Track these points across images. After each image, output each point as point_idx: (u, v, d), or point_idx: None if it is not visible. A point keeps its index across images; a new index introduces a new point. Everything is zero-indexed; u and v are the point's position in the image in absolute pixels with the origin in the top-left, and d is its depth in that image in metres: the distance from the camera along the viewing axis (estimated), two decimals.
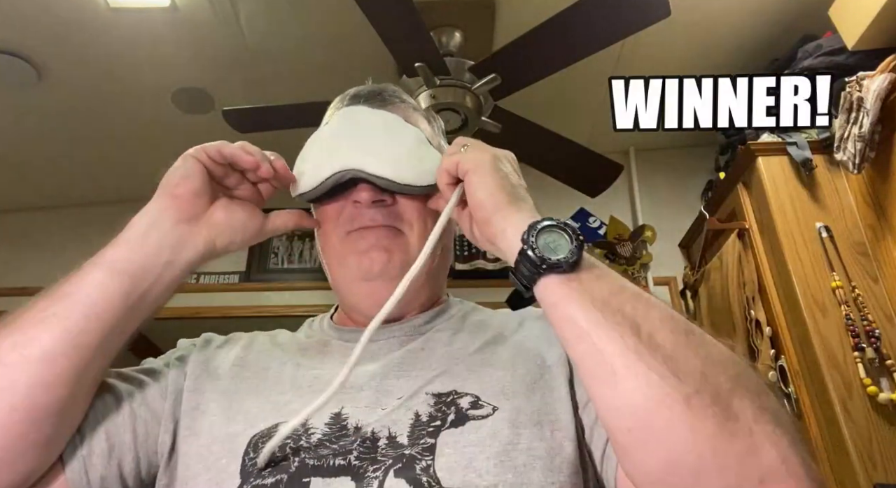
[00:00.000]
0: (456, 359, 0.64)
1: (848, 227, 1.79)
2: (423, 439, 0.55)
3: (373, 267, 0.67)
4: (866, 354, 1.59)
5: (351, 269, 0.69)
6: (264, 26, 2.08)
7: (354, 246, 0.69)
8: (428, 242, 0.61)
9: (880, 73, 1.61)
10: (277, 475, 0.54)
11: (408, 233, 0.69)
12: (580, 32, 1.62)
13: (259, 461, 0.54)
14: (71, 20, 1.96)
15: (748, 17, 2.18)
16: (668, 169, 2.90)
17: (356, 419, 0.58)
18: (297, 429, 0.57)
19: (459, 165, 0.61)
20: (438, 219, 0.63)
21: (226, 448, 0.58)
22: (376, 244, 0.68)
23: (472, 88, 1.84)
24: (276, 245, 2.83)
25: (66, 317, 0.56)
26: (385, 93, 0.77)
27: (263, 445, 0.56)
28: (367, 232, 0.68)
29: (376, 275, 0.67)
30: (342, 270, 0.71)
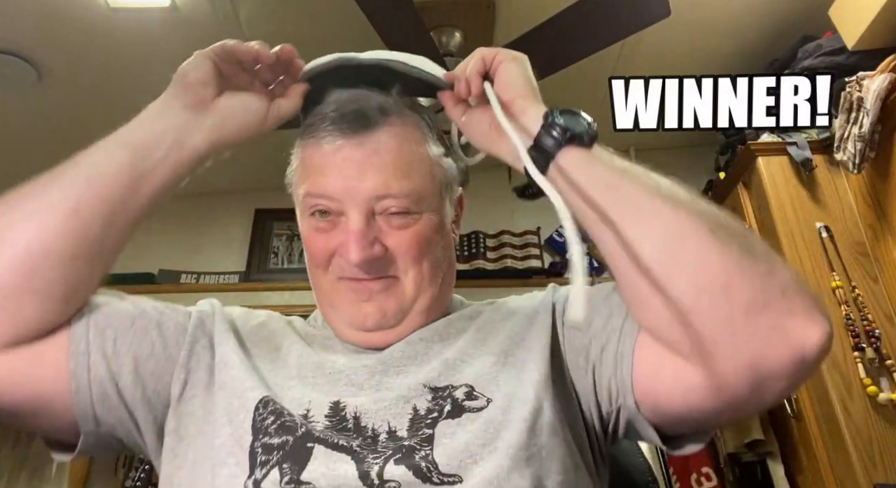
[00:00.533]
0: (451, 350, 0.66)
1: (848, 227, 1.79)
2: (422, 430, 0.57)
3: (366, 322, 0.67)
4: (866, 354, 1.59)
5: (343, 317, 0.69)
6: (264, 26, 2.08)
7: (346, 296, 0.68)
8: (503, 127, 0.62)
9: (880, 73, 1.61)
10: (284, 436, 0.57)
11: (403, 278, 0.68)
12: (580, 32, 1.62)
13: None
14: (71, 20, 1.96)
15: (748, 17, 2.18)
16: (668, 169, 2.83)
17: (354, 407, 0.60)
18: (298, 419, 0.59)
19: (498, 54, 0.64)
20: (493, 108, 0.63)
21: (243, 403, 0.60)
22: (369, 299, 0.67)
23: None
24: (276, 245, 2.83)
25: (72, 177, 0.61)
26: (368, 111, 0.67)
27: (274, 405, 0.60)
28: (360, 285, 0.67)
29: (371, 329, 0.68)
30: (333, 313, 0.70)
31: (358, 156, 0.66)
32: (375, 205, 0.65)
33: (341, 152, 0.66)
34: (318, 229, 0.68)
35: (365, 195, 0.65)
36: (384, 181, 0.65)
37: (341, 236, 0.66)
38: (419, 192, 0.68)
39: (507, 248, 2.77)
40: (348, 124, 0.66)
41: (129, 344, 0.62)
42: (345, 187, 0.65)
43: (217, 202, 2.91)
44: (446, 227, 0.74)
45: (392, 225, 0.66)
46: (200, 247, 2.83)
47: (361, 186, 0.65)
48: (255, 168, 2.85)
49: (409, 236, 0.67)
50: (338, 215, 0.67)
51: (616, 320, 0.62)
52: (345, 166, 0.66)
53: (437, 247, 0.71)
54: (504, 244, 2.78)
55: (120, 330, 0.62)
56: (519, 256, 2.76)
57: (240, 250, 2.81)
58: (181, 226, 2.86)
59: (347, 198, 0.65)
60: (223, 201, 2.91)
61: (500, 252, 2.77)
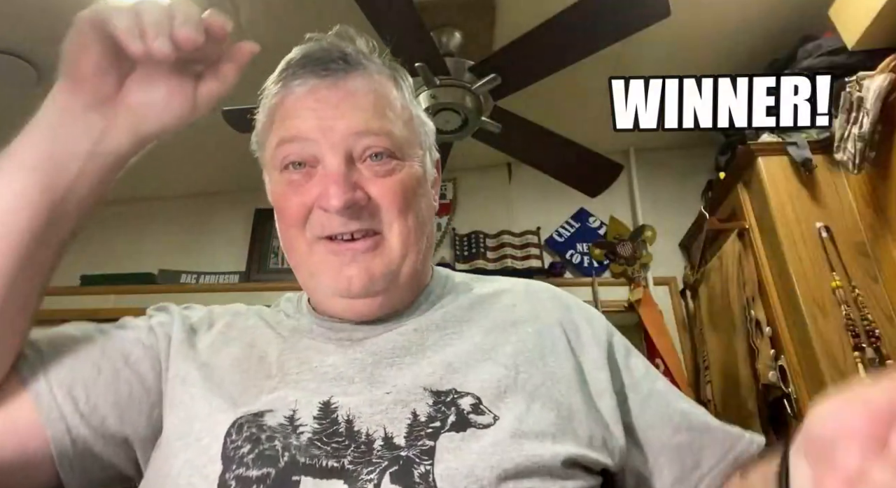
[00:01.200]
0: (453, 349, 0.60)
1: (848, 227, 1.79)
2: (422, 440, 0.52)
3: (351, 287, 0.60)
4: (866, 354, 1.59)
5: (325, 285, 0.62)
6: (264, 26, 2.08)
7: (327, 260, 0.61)
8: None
9: (880, 73, 1.61)
10: (264, 468, 0.50)
11: (388, 234, 0.62)
12: (580, 32, 1.62)
13: None
14: (71, 20, 1.95)
15: (748, 17, 2.18)
16: (668, 169, 2.90)
17: (346, 409, 0.54)
18: (285, 424, 0.53)
19: None
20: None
21: (208, 427, 0.54)
22: (353, 261, 0.60)
23: (472, 88, 1.83)
24: (276, 245, 2.83)
25: None
26: (341, 56, 0.63)
27: (249, 430, 0.52)
28: (342, 247, 0.60)
29: (357, 295, 0.61)
30: (314, 282, 0.63)
31: (333, 97, 0.61)
32: (355, 147, 0.60)
33: (315, 93, 0.61)
34: (292, 183, 0.62)
35: (343, 133, 0.59)
36: (363, 119, 0.60)
37: (318, 187, 0.60)
38: (399, 137, 0.63)
39: (507, 248, 2.77)
40: (321, 66, 0.61)
41: (105, 394, 0.56)
42: (320, 127, 0.60)
43: (217, 202, 2.92)
44: (429, 183, 0.69)
45: (374, 172, 0.61)
46: (200, 247, 2.83)
47: (338, 124, 0.60)
48: (255, 168, 2.86)
49: (392, 183, 0.61)
50: (313, 165, 0.61)
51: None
52: (319, 107, 0.60)
53: (421, 201, 0.65)
54: (504, 244, 2.79)
55: (89, 382, 0.55)
56: (519, 256, 2.76)
57: (240, 250, 2.81)
58: (181, 226, 2.86)
59: (323, 138, 0.60)
60: (223, 201, 2.91)
61: (499, 252, 2.77)
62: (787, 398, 1.79)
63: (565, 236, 2.81)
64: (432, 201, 0.70)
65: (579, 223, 2.83)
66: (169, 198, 2.91)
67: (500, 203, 2.90)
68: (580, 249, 2.78)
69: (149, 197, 2.89)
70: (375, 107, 0.62)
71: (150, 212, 2.87)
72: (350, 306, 0.62)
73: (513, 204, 2.90)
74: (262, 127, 0.67)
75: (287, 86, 0.63)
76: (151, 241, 2.81)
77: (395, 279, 0.62)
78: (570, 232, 2.82)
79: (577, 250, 2.78)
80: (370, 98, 0.62)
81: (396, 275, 0.62)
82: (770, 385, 1.84)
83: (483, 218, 2.84)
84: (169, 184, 2.85)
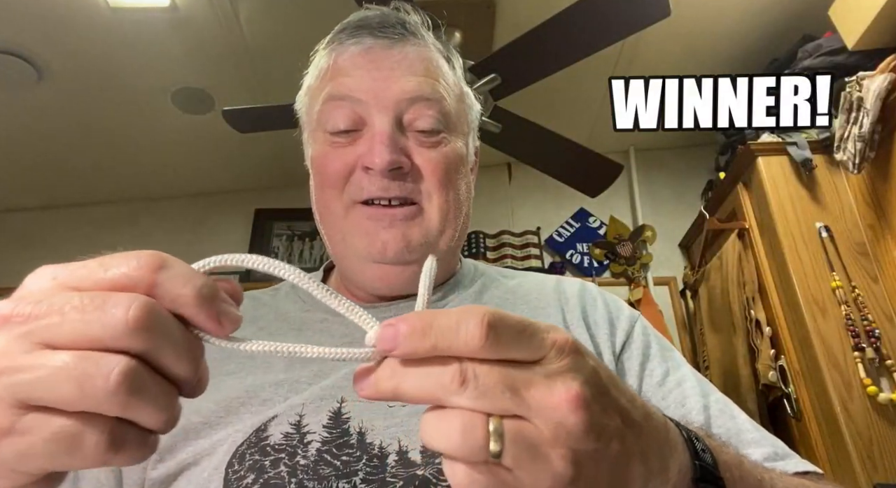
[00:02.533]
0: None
1: (848, 227, 1.79)
2: (439, 457, 0.46)
3: (386, 252, 0.57)
4: (866, 354, 1.59)
5: (358, 249, 0.59)
6: (264, 26, 2.08)
7: (362, 224, 0.58)
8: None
9: (880, 73, 1.61)
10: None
11: (427, 206, 0.60)
12: (580, 32, 1.61)
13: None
14: (71, 20, 1.96)
15: (748, 17, 2.18)
16: (668, 169, 2.90)
17: (359, 421, 0.50)
18: (291, 434, 0.49)
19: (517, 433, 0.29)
20: None
21: (208, 456, 0.50)
22: (390, 226, 0.58)
23: (472, 88, 1.83)
24: (276, 245, 2.83)
25: None
26: (404, 23, 0.62)
27: (251, 457, 0.48)
28: (380, 212, 0.58)
29: (390, 260, 0.58)
30: (345, 246, 0.60)
31: (388, 58, 0.59)
32: (406, 112, 0.58)
33: (370, 53, 0.59)
34: (335, 144, 0.60)
35: (395, 97, 0.58)
36: (416, 83, 0.58)
37: (363, 147, 0.58)
38: (449, 110, 0.61)
39: (507, 248, 2.77)
40: (378, 29, 0.60)
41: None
42: (372, 88, 0.58)
43: (217, 202, 2.92)
44: (469, 166, 0.67)
45: (420, 142, 0.59)
46: (200, 247, 2.83)
47: (391, 87, 0.58)
48: (255, 168, 2.86)
49: (437, 156, 0.59)
50: (359, 129, 0.59)
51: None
52: (373, 67, 0.58)
53: (462, 181, 0.63)
54: (504, 244, 2.79)
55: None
56: (519, 256, 2.76)
57: (240, 250, 2.77)
58: (181, 226, 2.86)
59: (374, 100, 0.58)
60: (223, 201, 2.91)
61: (500, 252, 2.77)
62: (787, 398, 1.79)
63: (565, 236, 2.81)
64: (471, 186, 0.68)
65: (579, 223, 2.83)
66: (169, 198, 2.91)
67: (500, 203, 2.90)
68: (580, 249, 2.78)
69: (149, 197, 2.89)
70: (429, 74, 0.60)
71: (150, 212, 2.88)
72: (382, 273, 0.59)
73: (513, 204, 2.90)
74: (311, 85, 0.65)
75: (342, 43, 0.61)
76: (151, 241, 2.81)
77: (432, 251, 0.59)
78: (570, 232, 2.83)
79: (577, 250, 2.78)
80: (425, 64, 0.61)
81: (433, 247, 0.60)
82: (770, 385, 1.84)
83: (483, 218, 2.84)
84: (169, 184, 2.85)
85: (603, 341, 0.62)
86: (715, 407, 0.58)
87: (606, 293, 0.70)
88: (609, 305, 0.66)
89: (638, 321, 0.66)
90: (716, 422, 0.57)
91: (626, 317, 0.65)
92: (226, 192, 2.92)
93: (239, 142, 2.17)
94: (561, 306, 0.65)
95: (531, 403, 0.27)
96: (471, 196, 0.67)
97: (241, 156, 2.67)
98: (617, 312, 0.65)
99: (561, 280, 0.70)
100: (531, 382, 0.27)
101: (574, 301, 0.65)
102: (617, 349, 0.62)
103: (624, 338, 0.63)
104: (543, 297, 0.66)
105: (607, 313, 0.65)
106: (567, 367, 0.28)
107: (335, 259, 0.65)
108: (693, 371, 0.63)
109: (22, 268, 1.38)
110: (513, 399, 0.26)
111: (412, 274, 0.59)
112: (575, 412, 0.27)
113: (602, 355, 0.61)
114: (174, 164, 2.72)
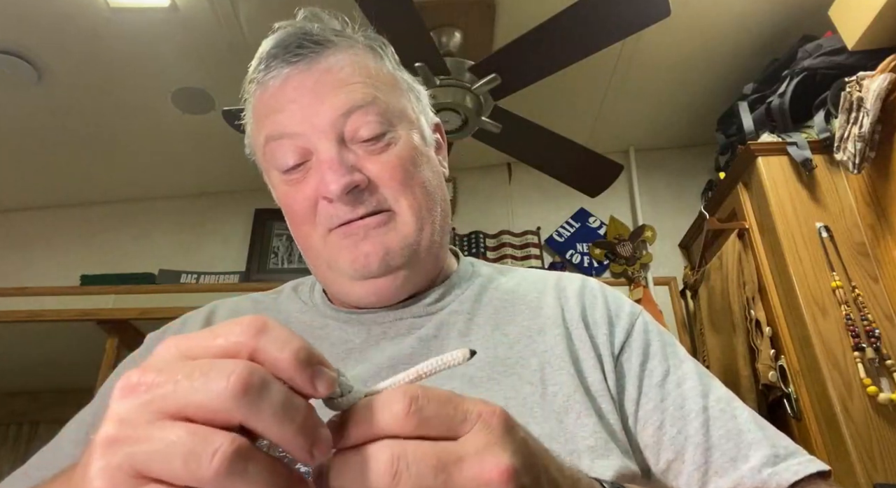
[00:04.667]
0: (476, 359, 0.56)
1: (848, 227, 1.79)
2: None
3: (369, 264, 0.57)
4: (866, 354, 1.59)
5: (344, 269, 0.59)
6: (264, 26, 2.08)
7: (341, 244, 0.58)
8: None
9: (880, 73, 1.61)
10: None
11: (397, 209, 0.59)
12: (580, 32, 1.61)
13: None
14: (71, 20, 1.96)
15: (748, 17, 2.18)
16: (668, 169, 2.90)
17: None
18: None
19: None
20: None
21: None
22: (366, 237, 0.58)
23: (472, 88, 1.83)
24: (276, 245, 2.83)
25: None
26: (311, 36, 0.60)
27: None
28: (353, 227, 0.58)
29: (375, 272, 0.58)
30: (332, 272, 0.61)
31: (308, 80, 0.58)
32: (344, 128, 0.58)
33: (290, 82, 0.59)
34: (291, 182, 0.60)
35: (329, 117, 0.57)
36: (345, 95, 0.57)
37: (315, 176, 0.58)
38: (387, 104, 0.60)
39: (507, 248, 2.77)
40: (291, 53, 0.59)
41: None
42: (304, 117, 0.57)
43: (217, 202, 2.92)
44: (428, 148, 0.65)
45: (369, 151, 0.58)
46: (200, 247, 2.83)
47: (322, 110, 0.57)
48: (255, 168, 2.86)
49: (389, 159, 0.59)
50: (307, 159, 0.59)
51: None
52: (297, 96, 0.58)
53: (425, 168, 0.62)
54: (504, 244, 2.79)
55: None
56: (519, 256, 2.76)
57: (240, 250, 2.81)
58: (181, 226, 2.86)
59: (310, 129, 0.57)
60: (223, 201, 2.92)
61: (499, 252, 2.77)
62: (787, 398, 1.80)
63: (565, 236, 2.81)
64: (438, 167, 0.66)
65: (579, 223, 2.83)
66: (169, 198, 2.91)
67: (500, 203, 2.90)
68: (580, 249, 2.78)
69: (149, 197, 2.89)
70: (354, 78, 0.59)
71: (150, 212, 2.88)
72: (372, 288, 0.59)
73: (513, 204, 2.90)
74: (251, 129, 0.65)
75: (262, 82, 0.61)
76: (151, 241, 2.81)
77: (415, 253, 0.59)
78: (570, 232, 2.83)
79: (577, 250, 2.78)
80: (346, 71, 0.59)
81: (415, 248, 0.59)
82: (770, 385, 1.84)
83: (483, 218, 2.84)
84: (169, 184, 2.85)
85: (602, 342, 0.61)
86: (715, 408, 0.58)
87: (608, 289, 0.69)
88: (609, 303, 0.65)
89: (639, 318, 0.65)
90: (715, 424, 0.56)
91: (626, 315, 0.64)
92: (226, 192, 2.92)
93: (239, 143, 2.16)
94: (560, 305, 0.64)
95: (464, 481, 0.27)
96: (442, 179, 0.66)
97: (241, 156, 2.63)
98: (617, 310, 0.65)
99: (562, 277, 0.70)
100: (462, 458, 0.28)
101: (574, 300, 0.65)
102: (616, 349, 0.61)
103: (623, 338, 0.62)
104: (543, 297, 0.65)
105: (607, 312, 0.64)
106: (496, 440, 0.28)
107: (325, 284, 0.65)
108: (696, 366, 0.62)
109: (22, 268, 1.41)
110: (446, 480, 0.27)
111: (402, 280, 0.59)
112: (506, 484, 0.27)
113: (601, 356, 0.60)
114: (174, 164, 2.72)
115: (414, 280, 0.61)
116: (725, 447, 0.55)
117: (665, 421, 0.57)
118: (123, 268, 2.65)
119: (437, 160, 0.67)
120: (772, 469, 0.53)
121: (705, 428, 0.56)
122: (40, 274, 2.61)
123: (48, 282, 2.56)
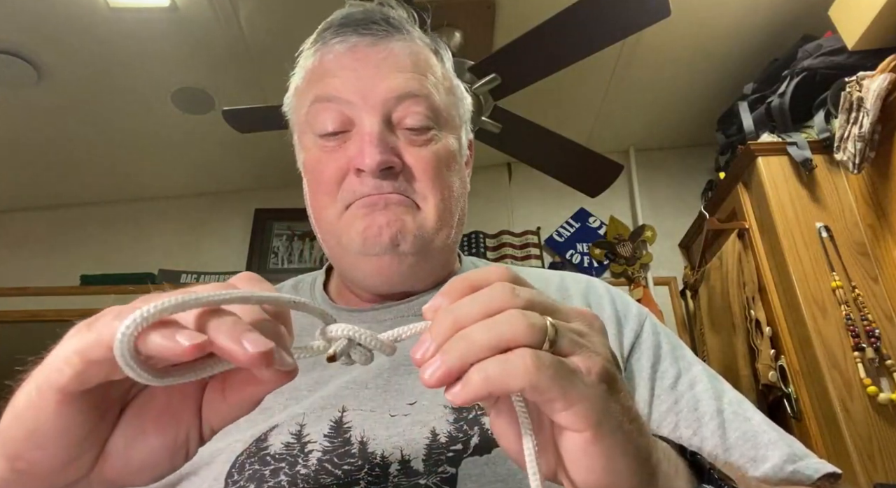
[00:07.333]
0: None
1: (848, 227, 1.79)
2: (442, 466, 0.46)
3: (381, 236, 0.56)
4: (866, 354, 1.59)
5: (353, 243, 0.57)
6: (264, 26, 2.08)
7: (356, 215, 0.57)
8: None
9: (880, 73, 1.61)
10: None
11: (422, 205, 0.58)
12: (580, 32, 1.61)
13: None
14: (71, 20, 1.96)
15: (748, 17, 2.18)
16: (668, 169, 2.90)
17: (361, 430, 0.49)
18: (292, 444, 0.48)
19: (566, 397, 0.30)
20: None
21: (208, 471, 0.48)
22: (385, 209, 0.56)
23: (472, 88, 1.83)
24: (276, 245, 2.83)
25: None
26: (382, 19, 0.60)
27: (251, 467, 0.47)
28: (374, 197, 0.57)
29: (385, 249, 0.56)
30: (341, 247, 0.59)
31: (373, 56, 0.58)
32: (394, 110, 0.58)
33: (355, 52, 0.58)
34: (325, 148, 0.59)
35: (382, 95, 0.57)
36: (404, 80, 0.57)
37: (353, 149, 0.57)
38: (439, 103, 0.60)
39: (507, 248, 2.77)
40: (362, 25, 0.59)
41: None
42: (359, 88, 0.57)
43: (217, 202, 2.92)
44: (463, 160, 0.65)
45: (411, 140, 0.58)
46: (200, 247, 2.83)
47: (378, 86, 0.57)
48: (255, 168, 2.86)
49: (428, 154, 0.58)
50: (348, 130, 0.58)
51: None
52: (358, 66, 0.57)
53: (456, 177, 0.62)
54: (504, 244, 2.79)
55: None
56: (519, 256, 2.76)
57: (240, 250, 2.81)
58: (181, 226, 2.86)
59: (362, 100, 0.57)
60: (223, 201, 2.92)
61: (499, 252, 2.77)
62: (787, 398, 1.80)
63: (565, 236, 2.81)
64: (465, 178, 0.66)
65: (579, 223, 2.83)
66: (169, 198, 2.91)
67: (500, 203, 2.90)
68: (580, 249, 2.78)
69: (149, 197, 2.89)
70: (416, 69, 0.59)
71: (150, 212, 2.88)
72: (378, 265, 0.57)
73: (513, 204, 2.90)
74: (298, 87, 0.64)
75: (326, 43, 0.60)
76: (151, 241, 2.81)
77: (427, 246, 0.58)
78: (570, 232, 2.83)
79: (577, 250, 2.78)
80: (411, 60, 0.60)
81: (429, 243, 0.59)
82: (770, 385, 1.84)
83: (483, 218, 2.84)
84: (169, 184, 2.85)
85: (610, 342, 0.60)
86: (729, 410, 0.58)
87: (613, 290, 0.68)
88: (616, 304, 0.65)
89: (647, 319, 0.64)
90: (731, 426, 0.56)
91: (634, 316, 0.64)
92: (226, 192, 2.92)
93: (239, 143, 2.17)
94: None
95: (569, 317, 0.34)
96: (465, 191, 0.66)
97: (241, 156, 2.67)
98: (625, 311, 0.64)
99: (565, 277, 0.69)
100: (559, 311, 0.34)
101: (578, 301, 0.64)
102: (625, 351, 0.61)
103: (633, 339, 0.62)
104: None
105: (615, 312, 0.63)
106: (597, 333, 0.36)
107: (332, 260, 0.65)
108: (705, 369, 0.62)
109: (22, 268, 1.41)
110: (554, 314, 0.33)
111: (408, 268, 0.58)
112: (608, 363, 0.34)
113: None
114: (174, 164, 2.72)
115: (419, 273, 0.60)
116: (743, 448, 0.55)
117: (680, 423, 0.56)
118: (123, 268, 2.65)
119: (465, 173, 0.67)
120: (794, 466, 0.53)
121: (721, 430, 0.56)
122: (40, 274, 2.61)
123: (48, 282, 2.56)
